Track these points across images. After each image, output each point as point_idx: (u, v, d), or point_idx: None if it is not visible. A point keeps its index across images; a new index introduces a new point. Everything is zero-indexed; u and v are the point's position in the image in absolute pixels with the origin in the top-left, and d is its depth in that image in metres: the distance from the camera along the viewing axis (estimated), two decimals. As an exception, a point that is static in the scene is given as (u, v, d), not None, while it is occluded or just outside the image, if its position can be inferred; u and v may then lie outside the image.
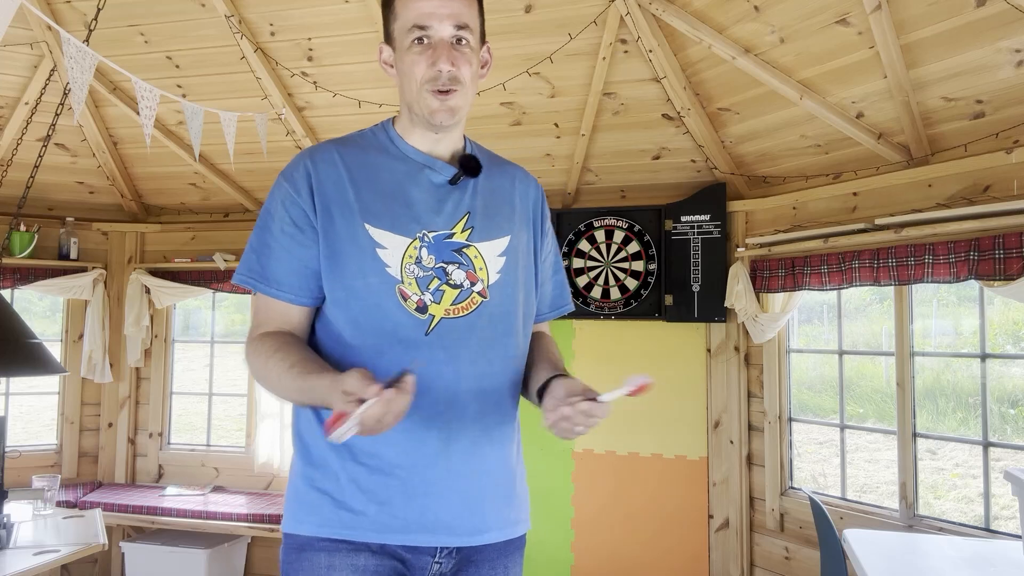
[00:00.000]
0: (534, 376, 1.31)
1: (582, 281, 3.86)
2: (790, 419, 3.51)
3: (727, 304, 3.54)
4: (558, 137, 3.81)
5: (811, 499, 2.58)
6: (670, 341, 3.79)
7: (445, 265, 1.24)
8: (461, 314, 1.24)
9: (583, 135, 3.71)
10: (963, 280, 2.68)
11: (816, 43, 2.88)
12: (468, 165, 1.31)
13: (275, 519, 3.80)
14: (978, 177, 2.75)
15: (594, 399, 1.11)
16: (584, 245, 3.88)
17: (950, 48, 2.60)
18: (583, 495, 3.87)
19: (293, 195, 1.23)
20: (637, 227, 3.80)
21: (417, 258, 1.23)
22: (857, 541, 2.25)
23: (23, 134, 3.73)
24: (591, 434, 3.85)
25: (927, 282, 2.79)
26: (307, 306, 1.25)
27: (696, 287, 3.67)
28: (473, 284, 1.26)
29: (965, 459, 6.82)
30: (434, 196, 1.27)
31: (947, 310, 7.90)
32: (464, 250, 1.27)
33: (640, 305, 3.77)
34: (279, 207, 1.24)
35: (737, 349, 3.66)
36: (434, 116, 1.23)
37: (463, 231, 1.28)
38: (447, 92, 1.21)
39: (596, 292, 3.84)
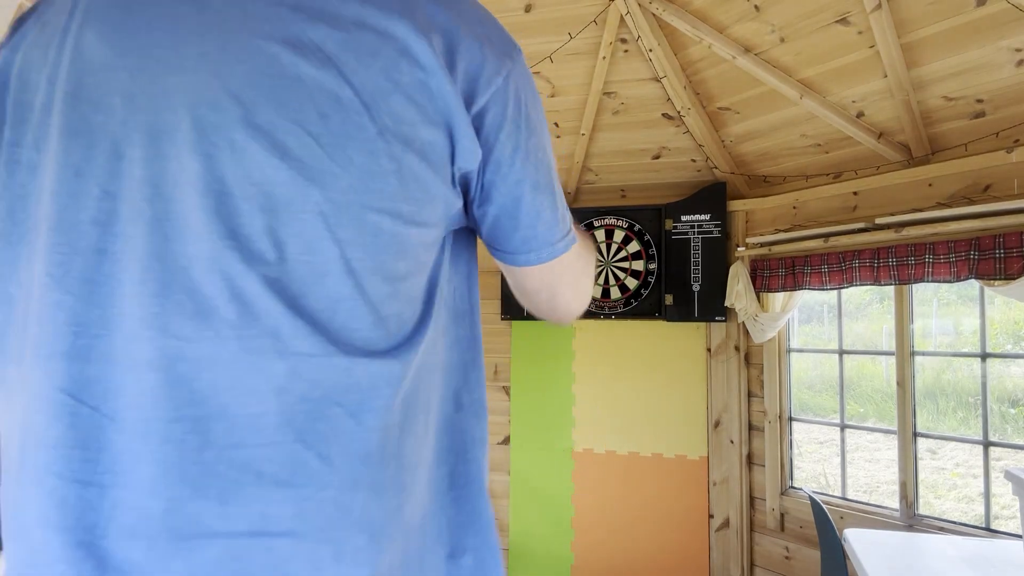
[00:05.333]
0: None
1: (582, 281, 3.86)
2: (790, 419, 3.51)
3: (727, 304, 3.54)
4: (558, 137, 3.80)
5: (811, 499, 2.58)
6: (670, 341, 3.79)
7: None
8: None
9: (583, 135, 3.70)
10: (963, 279, 2.68)
11: (816, 42, 2.88)
12: None
13: None
14: (978, 176, 2.75)
15: None
16: (584, 245, 3.88)
17: (950, 48, 2.60)
18: (583, 495, 3.87)
19: None
20: (637, 227, 3.80)
21: None
22: (857, 541, 2.25)
23: (23, 134, 3.73)
24: (591, 434, 3.85)
25: (927, 281, 2.79)
26: None
27: (696, 287, 3.67)
28: None
29: (965, 459, 6.82)
30: None
31: (947, 309, 7.91)
32: None
33: (640, 305, 3.77)
34: None
35: (737, 349, 3.66)
36: None
37: None
38: None
39: (596, 292, 3.83)
